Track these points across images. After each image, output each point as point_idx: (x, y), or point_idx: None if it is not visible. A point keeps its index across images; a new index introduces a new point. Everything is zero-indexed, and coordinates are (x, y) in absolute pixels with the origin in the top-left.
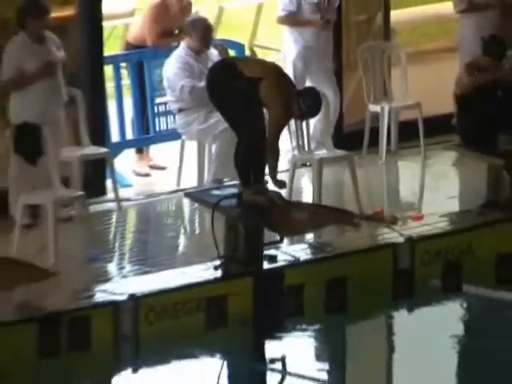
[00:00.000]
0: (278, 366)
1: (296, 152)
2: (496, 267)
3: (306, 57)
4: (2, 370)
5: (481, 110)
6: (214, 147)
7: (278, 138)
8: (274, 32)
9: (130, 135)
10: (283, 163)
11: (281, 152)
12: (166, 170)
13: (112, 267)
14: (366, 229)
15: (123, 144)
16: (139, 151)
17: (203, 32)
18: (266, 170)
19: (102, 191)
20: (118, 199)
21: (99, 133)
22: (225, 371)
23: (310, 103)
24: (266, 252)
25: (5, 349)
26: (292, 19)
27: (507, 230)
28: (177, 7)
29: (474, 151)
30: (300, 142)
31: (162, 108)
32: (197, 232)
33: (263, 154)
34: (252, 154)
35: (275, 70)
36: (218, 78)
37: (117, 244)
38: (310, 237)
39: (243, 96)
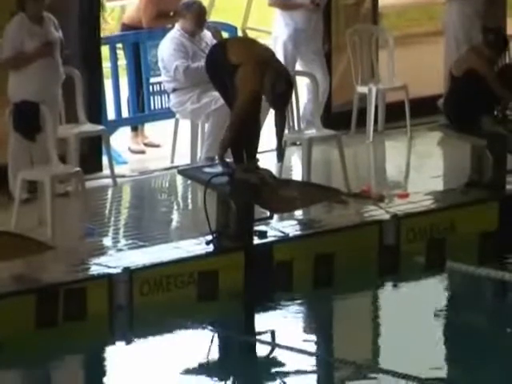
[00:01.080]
0: (267, 338)
1: (286, 131)
2: (478, 245)
3: (297, 39)
4: (1, 341)
5: (470, 93)
6: (206, 126)
7: (236, 122)
8: (266, 15)
9: (125, 113)
10: (273, 142)
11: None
12: (161, 147)
13: (107, 241)
14: (353, 206)
15: (119, 122)
16: (134, 129)
17: (197, 14)
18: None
19: (98, 168)
20: (113, 176)
21: (96, 111)
22: (215, 343)
23: (279, 91)
24: (257, 228)
25: (3, 320)
26: (283, 2)
27: (489, 209)
28: None
29: (458, 132)
30: (290, 122)
31: (156, 87)
32: (189, 208)
33: (255, 133)
34: (244, 132)
35: (254, 58)
36: (211, 60)
37: (112, 219)
38: (298, 213)
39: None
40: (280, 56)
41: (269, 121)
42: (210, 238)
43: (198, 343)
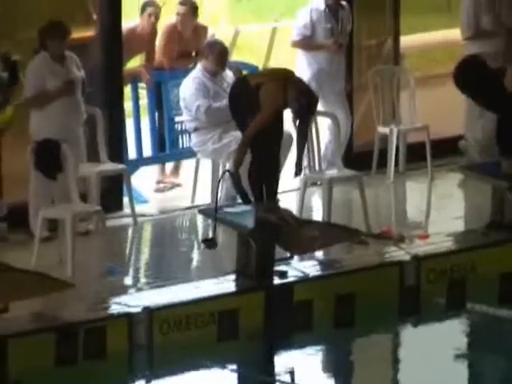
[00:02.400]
0: (287, 378)
1: (307, 171)
2: (499, 286)
3: (319, 79)
4: (20, 379)
5: None
6: (227, 165)
7: (252, 133)
8: (288, 55)
9: (147, 152)
10: (294, 182)
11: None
12: (182, 186)
13: (127, 280)
14: (373, 247)
15: (140, 161)
16: (160, 168)
17: (219, 54)
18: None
19: (119, 206)
20: (134, 215)
21: (117, 150)
22: (235, 383)
23: (303, 102)
24: (277, 268)
25: (23, 357)
26: (306, 43)
27: (510, 250)
28: (190, 30)
29: (478, 173)
30: (311, 162)
31: (178, 127)
32: None
33: (276, 173)
34: (265, 172)
35: (275, 76)
36: (233, 94)
37: (132, 258)
38: (319, 254)
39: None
40: None
41: (289, 161)
42: (230, 277)
43: (218, 383)
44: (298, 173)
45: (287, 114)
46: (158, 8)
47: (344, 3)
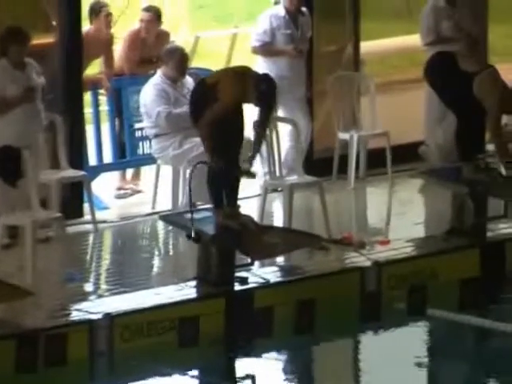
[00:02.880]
0: None
1: (267, 177)
2: (459, 292)
3: (279, 85)
4: None
5: None
6: (188, 171)
7: (209, 123)
8: (249, 61)
9: (107, 159)
10: (255, 188)
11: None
12: (142, 192)
13: (88, 287)
14: (334, 252)
15: (100, 168)
16: (120, 175)
17: (179, 61)
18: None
19: (80, 213)
20: (94, 221)
21: (77, 156)
22: None
23: (263, 88)
24: (238, 274)
25: None
26: (266, 49)
27: (470, 256)
28: (153, 36)
29: (439, 179)
30: (271, 168)
31: (138, 133)
32: (171, 254)
33: (236, 180)
34: (225, 178)
35: (233, 71)
36: (193, 98)
37: (93, 264)
38: (279, 260)
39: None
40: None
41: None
42: (191, 283)
43: None
44: (247, 169)
45: (248, 122)
46: (108, 8)
47: (304, 9)
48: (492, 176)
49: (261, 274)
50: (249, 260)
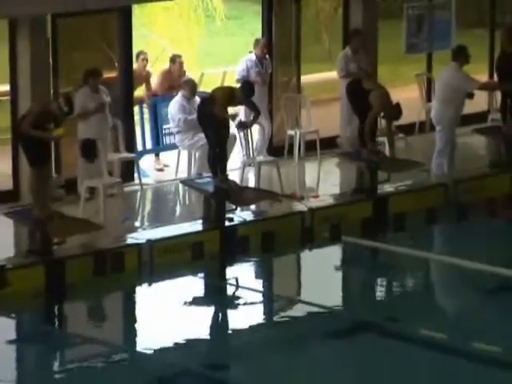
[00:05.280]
0: (234, 282)
1: (245, 157)
2: (361, 227)
3: None
4: (69, 285)
5: None
6: (197, 154)
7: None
8: None
9: (148, 146)
10: (237, 164)
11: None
12: (169, 167)
13: (137, 223)
14: (285, 203)
15: (144, 151)
16: (156, 156)
17: (192, 87)
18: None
19: (132, 179)
20: (141, 184)
21: (130, 145)
22: (201, 286)
23: (246, 92)
24: (227, 215)
25: (75, 270)
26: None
27: (367, 205)
28: (177, 73)
29: (348, 158)
30: (248, 152)
31: (167, 131)
32: (187, 203)
33: (225, 157)
34: (217, 156)
35: (223, 90)
36: (199, 112)
37: (140, 210)
38: (252, 207)
39: (210, 121)
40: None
41: (232, 155)
42: (201, 221)
43: (191, 287)
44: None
45: (232, 124)
46: (146, 55)
47: (267, 56)
48: (380, 157)
49: (241, 215)
50: (234, 207)
